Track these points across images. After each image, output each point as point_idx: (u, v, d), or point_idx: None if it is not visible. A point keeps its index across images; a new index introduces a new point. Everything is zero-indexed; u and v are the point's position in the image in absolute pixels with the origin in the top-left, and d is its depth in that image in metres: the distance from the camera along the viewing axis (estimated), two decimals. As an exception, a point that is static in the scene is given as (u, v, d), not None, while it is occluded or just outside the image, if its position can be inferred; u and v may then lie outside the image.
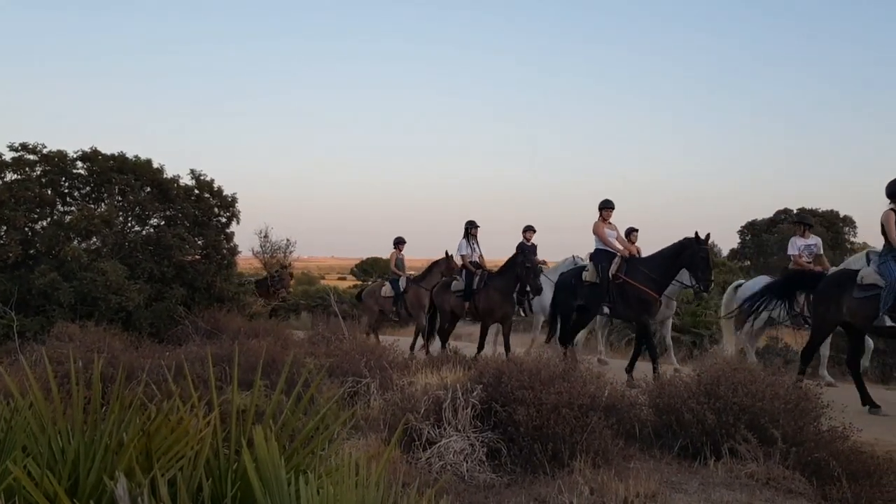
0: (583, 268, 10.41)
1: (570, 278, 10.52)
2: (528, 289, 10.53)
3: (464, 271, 11.41)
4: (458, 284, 11.45)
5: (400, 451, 4.98)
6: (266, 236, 27.37)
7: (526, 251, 10.70)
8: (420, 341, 12.78)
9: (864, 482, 4.49)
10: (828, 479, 4.56)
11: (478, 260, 11.58)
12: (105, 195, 11.74)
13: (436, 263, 12.85)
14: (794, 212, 30.17)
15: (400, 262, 13.42)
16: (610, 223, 10.26)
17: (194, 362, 7.14)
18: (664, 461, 5.06)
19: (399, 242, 13.54)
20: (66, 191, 11.91)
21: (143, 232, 11.92)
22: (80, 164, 11.84)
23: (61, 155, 11.71)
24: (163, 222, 11.96)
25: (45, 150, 11.65)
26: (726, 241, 28.39)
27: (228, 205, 12.35)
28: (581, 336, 12.46)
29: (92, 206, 11.68)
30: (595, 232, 10.20)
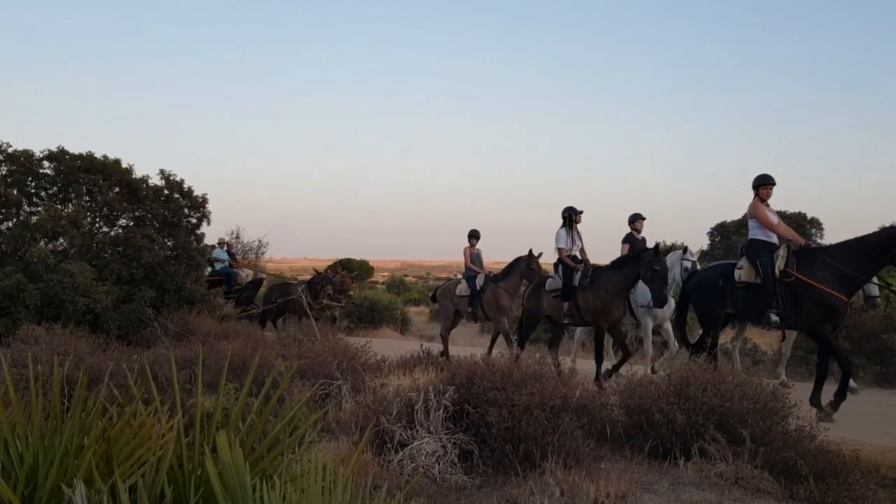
0: (732, 265, 8.47)
1: (715, 278, 8.56)
2: (652, 296, 9.03)
3: (561, 267, 9.94)
4: (554, 282, 10.05)
5: (372, 454, 4.95)
6: (238, 237, 27.00)
7: (651, 250, 8.94)
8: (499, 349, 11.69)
9: (830, 481, 4.55)
10: (795, 479, 4.61)
11: (579, 253, 10.11)
12: (72, 195, 11.53)
13: (517, 261, 11.58)
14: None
15: (476, 258, 12.29)
16: (768, 204, 8.15)
17: (162, 364, 7.05)
18: (635, 461, 5.08)
19: (473, 236, 12.36)
20: (33, 191, 11.66)
21: (112, 233, 11.72)
22: (46, 163, 11.60)
23: (27, 154, 11.47)
24: (132, 223, 11.78)
25: (10, 150, 11.41)
26: (696, 242, 28.69)
27: (199, 205, 12.19)
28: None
29: (59, 206, 11.46)
30: (754, 215, 8.11)
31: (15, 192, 11.21)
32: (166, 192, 12.04)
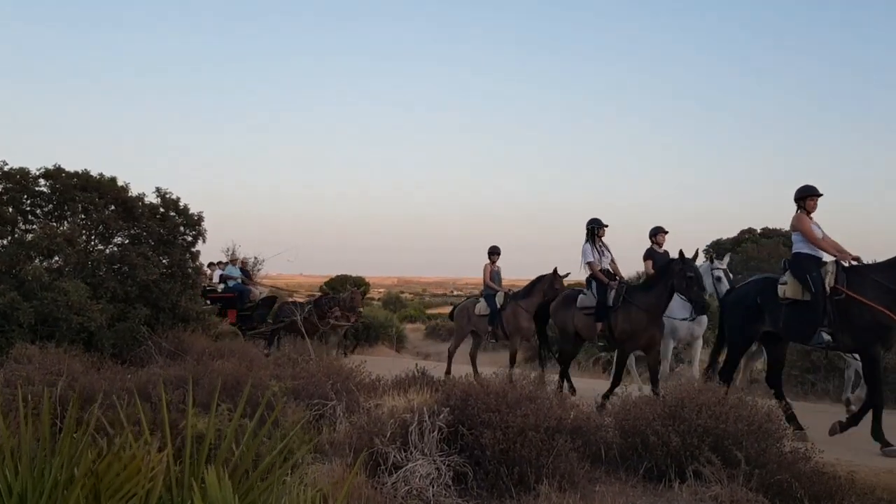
0: (771, 280, 7.95)
1: (753, 295, 8.01)
2: (692, 306, 8.68)
3: (593, 283, 9.31)
4: (586, 299, 9.39)
5: (365, 476, 4.92)
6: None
7: (677, 259, 8.45)
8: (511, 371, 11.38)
9: (825, 503, 4.54)
10: (790, 501, 4.61)
11: (609, 267, 9.54)
12: (68, 213, 11.54)
13: (540, 279, 11.17)
14: (759, 231, 30.80)
15: (496, 276, 11.88)
16: (812, 217, 7.77)
17: (155, 384, 7.02)
18: (630, 484, 5.07)
19: (493, 253, 11.96)
20: (28, 208, 11.68)
21: (107, 251, 11.71)
22: (42, 181, 11.62)
23: (23, 172, 11.49)
24: (127, 241, 11.77)
25: (6, 168, 11.43)
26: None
27: (194, 223, 12.20)
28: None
29: (54, 224, 11.47)
30: (798, 228, 7.70)
31: (10, 209, 11.21)
32: (162, 210, 12.05)
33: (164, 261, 11.84)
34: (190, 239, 12.30)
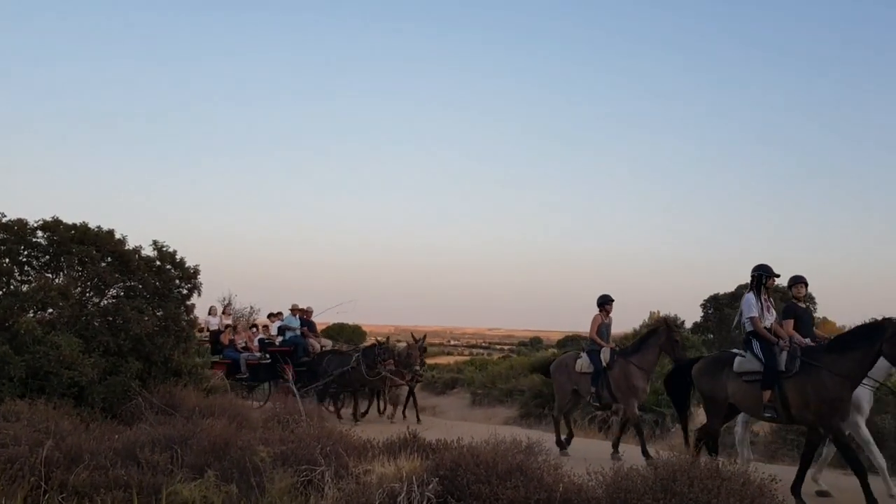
0: None
1: None
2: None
3: (754, 342, 7.90)
4: (746, 363, 7.97)
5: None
6: (229, 303, 26.76)
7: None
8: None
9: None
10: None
11: (771, 325, 8.02)
12: (64, 265, 11.56)
13: (653, 332, 10.17)
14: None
15: (604, 329, 10.64)
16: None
17: (143, 446, 6.96)
18: (620, 560, 4.98)
19: (605, 302, 10.73)
20: (25, 260, 11.71)
21: (102, 303, 11.71)
22: (40, 233, 11.68)
23: (21, 223, 11.55)
24: (122, 293, 11.77)
25: (4, 219, 11.49)
26: (689, 314, 28.76)
27: (190, 276, 12.22)
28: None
29: (50, 275, 11.49)
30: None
31: (7, 261, 11.23)
32: (158, 262, 12.08)
33: (158, 314, 11.81)
34: (185, 292, 12.30)
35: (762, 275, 8.14)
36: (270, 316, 16.57)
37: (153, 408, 9.88)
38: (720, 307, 28.45)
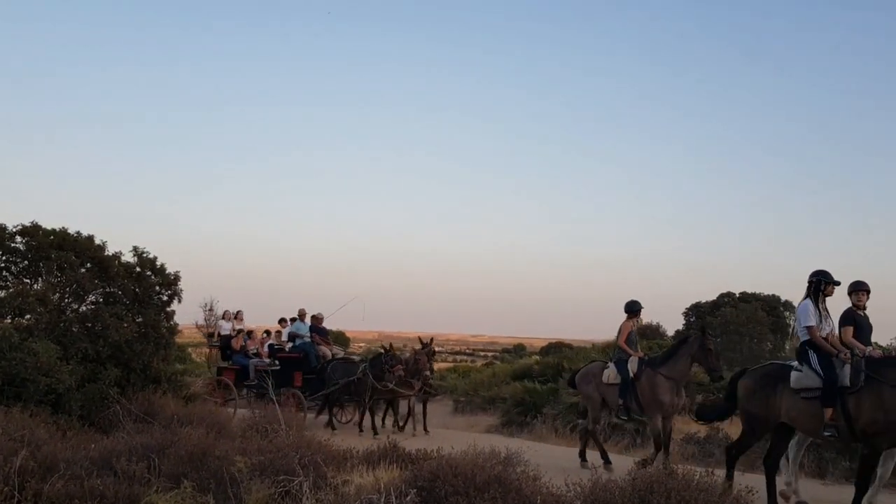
0: None
1: None
2: None
3: (812, 354, 7.21)
4: (803, 378, 7.21)
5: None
6: (211, 309, 26.50)
7: None
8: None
9: None
10: None
11: (829, 335, 7.40)
12: (43, 271, 11.46)
13: (684, 342, 9.64)
14: (737, 295, 31.09)
15: (633, 338, 10.13)
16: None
17: (120, 456, 6.90)
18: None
19: (636, 309, 10.21)
20: (2, 265, 11.59)
21: (81, 309, 11.60)
22: (18, 238, 11.57)
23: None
24: (101, 300, 11.68)
25: (-18, 225, 11.39)
26: (672, 322, 28.95)
27: (170, 283, 12.14)
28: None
29: (28, 280, 11.38)
30: None
31: (-16, 267, 11.12)
32: (138, 269, 11.99)
33: (138, 320, 11.72)
34: (165, 298, 12.22)
35: (821, 281, 7.52)
36: (282, 321, 16.12)
37: (131, 416, 9.79)
38: (702, 315, 28.69)
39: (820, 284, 7.50)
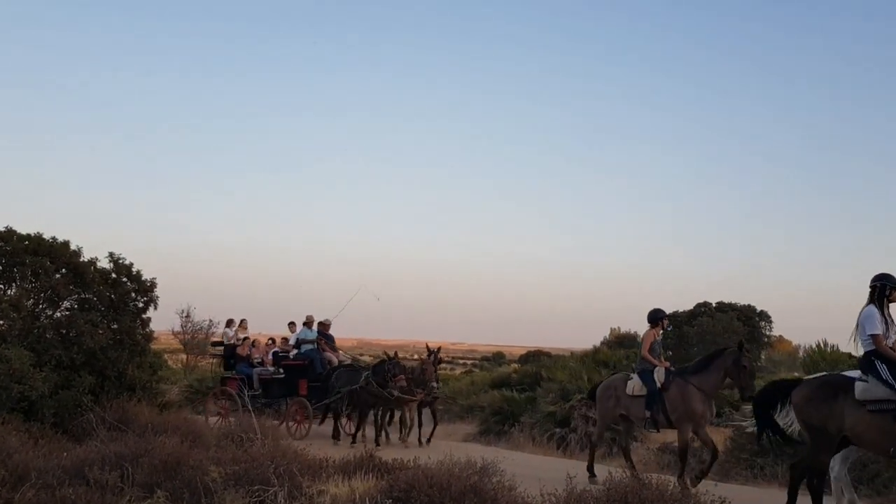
0: None
1: None
2: None
3: (879, 364, 6.60)
4: (870, 390, 6.68)
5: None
6: (188, 316, 26.32)
7: None
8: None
9: None
10: None
11: (894, 344, 6.78)
12: (17, 276, 11.33)
13: (719, 354, 9.24)
14: (714, 305, 31.40)
15: (656, 348, 9.78)
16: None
17: (93, 465, 6.83)
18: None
19: (660, 318, 9.90)
20: (-24, 270, 11.46)
21: (55, 315, 11.48)
22: (-8, 243, 11.45)
23: (-28, 233, 11.33)
24: (76, 306, 11.56)
25: (-45, 229, 11.25)
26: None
27: (147, 289, 12.06)
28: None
29: (1, 286, 11.26)
30: None
31: (-44, 272, 10.98)
32: (114, 275, 11.90)
33: (113, 327, 11.62)
34: (141, 305, 12.13)
35: (885, 285, 6.85)
36: (291, 324, 15.54)
37: (105, 424, 9.68)
38: (679, 325, 28.91)
39: (885, 289, 6.84)
